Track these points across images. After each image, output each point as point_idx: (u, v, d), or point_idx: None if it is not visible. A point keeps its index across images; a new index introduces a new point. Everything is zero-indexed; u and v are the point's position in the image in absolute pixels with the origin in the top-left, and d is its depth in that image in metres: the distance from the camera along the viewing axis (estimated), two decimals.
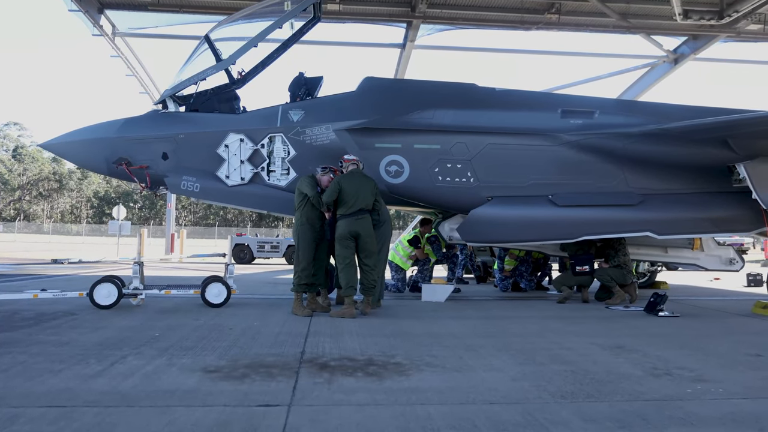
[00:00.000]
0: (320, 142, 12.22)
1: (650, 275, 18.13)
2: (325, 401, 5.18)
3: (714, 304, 13.79)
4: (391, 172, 12.13)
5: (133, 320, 9.43)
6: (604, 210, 12.26)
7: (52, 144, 13.26)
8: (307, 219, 10.74)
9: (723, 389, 5.78)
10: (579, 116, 12.45)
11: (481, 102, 12.62)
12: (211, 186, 12.45)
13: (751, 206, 11.95)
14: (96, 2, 24.48)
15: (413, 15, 24.26)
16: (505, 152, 12.25)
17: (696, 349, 7.84)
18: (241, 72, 12.77)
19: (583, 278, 13.44)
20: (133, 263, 11.15)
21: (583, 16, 25.43)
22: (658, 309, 11.21)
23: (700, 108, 12.76)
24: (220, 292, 11.10)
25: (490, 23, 25.97)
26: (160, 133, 12.40)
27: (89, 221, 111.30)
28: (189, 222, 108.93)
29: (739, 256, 14.68)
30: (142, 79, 30.84)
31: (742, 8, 22.34)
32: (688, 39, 27.14)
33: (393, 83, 15.94)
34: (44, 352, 6.90)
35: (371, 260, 10.77)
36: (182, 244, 38.61)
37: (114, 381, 5.64)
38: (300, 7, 12.35)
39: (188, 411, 4.82)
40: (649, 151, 12.06)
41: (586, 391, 5.59)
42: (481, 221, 12.17)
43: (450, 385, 5.78)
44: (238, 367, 6.29)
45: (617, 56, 30.04)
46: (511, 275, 16.00)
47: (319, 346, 7.60)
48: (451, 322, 10.03)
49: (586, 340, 8.43)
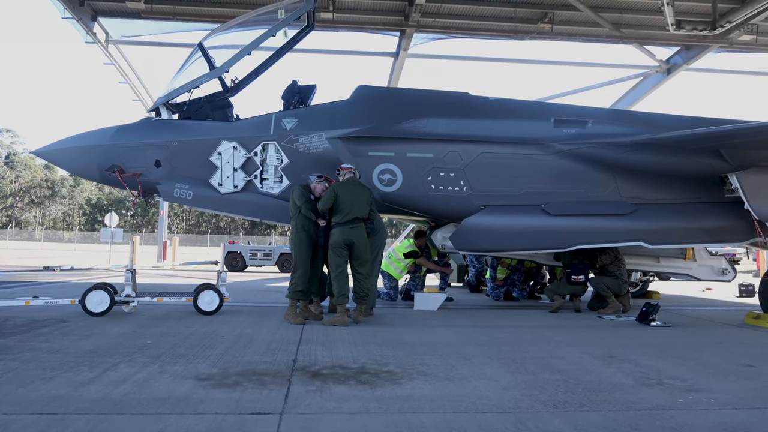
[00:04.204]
0: (313, 150, 12.23)
1: (642, 285, 18.14)
2: (317, 409, 5.17)
3: (706, 314, 13.81)
4: (384, 180, 12.13)
5: (125, 327, 9.40)
6: (597, 219, 12.27)
7: (44, 151, 13.25)
8: (303, 227, 10.74)
9: (715, 399, 5.79)
10: (572, 125, 12.47)
11: (474, 111, 12.64)
12: (204, 193, 12.46)
13: (743, 216, 11.97)
14: (89, 10, 24.48)
15: (407, 24, 24.32)
16: (498, 161, 12.26)
17: (688, 359, 7.85)
18: (235, 80, 12.81)
19: (576, 287, 13.46)
20: (126, 270, 11.14)
21: (576, 26, 25.52)
22: (650, 319, 11.21)
23: (692, 118, 12.81)
24: (212, 300, 11.08)
25: (484, 32, 26.04)
26: (153, 141, 12.41)
27: (81, 228, 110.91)
28: (181, 229, 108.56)
29: (731, 267, 14.72)
30: (135, 86, 30.90)
31: (734, 19, 22.44)
32: (681, 49, 27.25)
33: (386, 92, 15.95)
34: (36, 359, 6.88)
35: (365, 269, 10.77)
36: (174, 252, 38.51)
37: (106, 388, 5.63)
38: (294, 16, 12.37)
39: (180, 418, 4.81)
40: (641, 160, 12.08)
41: (578, 401, 5.60)
42: (474, 230, 12.18)
43: (442, 393, 5.77)
44: (230, 375, 6.28)
45: (610, 66, 30.20)
46: (503, 284, 16.00)
47: (311, 354, 7.59)
48: (443, 331, 10.03)
49: (579, 349, 8.43)
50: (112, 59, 27.61)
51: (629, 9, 24.56)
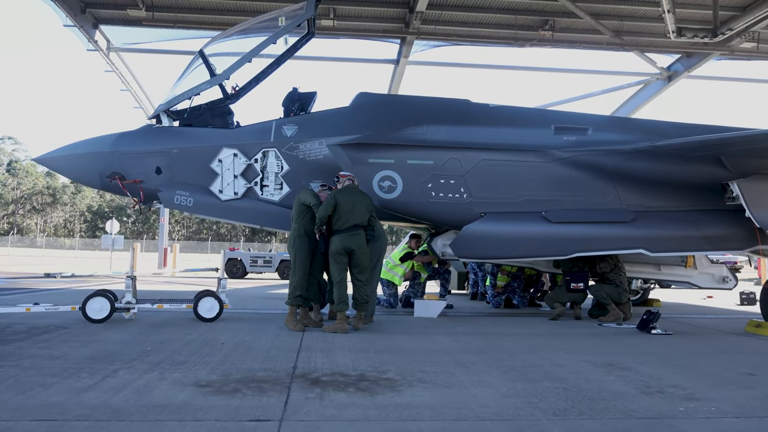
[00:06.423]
0: (314, 157, 12.24)
1: (643, 293, 18.09)
2: (316, 416, 5.16)
3: (707, 322, 13.80)
4: (384, 187, 12.12)
5: (125, 334, 9.40)
6: (597, 227, 12.26)
7: (46, 158, 13.29)
8: (305, 231, 10.74)
9: (715, 408, 5.78)
10: (572, 133, 12.46)
11: (474, 118, 12.64)
12: (205, 200, 12.47)
13: (744, 224, 11.92)
14: (91, 17, 24.48)
15: (407, 31, 24.30)
16: (499, 168, 12.25)
17: (688, 368, 7.84)
18: (235, 87, 12.84)
19: (576, 295, 13.45)
20: (126, 277, 11.14)
21: (577, 33, 25.49)
22: (650, 327, 11.20)
23: (693, 125, 12.79)
24: (212, 307, 11.09)
25: (484, 40, 26.04)
26: (154, 148, 12.43)
27: (82, 235, 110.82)
28: (182, 236, 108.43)
29: (732, 275, 14.72)
30: (136, 93, 30.90)
31: (735, 26, 22.42)
32: (682, 56, 27.22)
33: (386, 99, 15.97)
34: (36, 365, 6.88)
35: (364, 276, 10.75)
36: (175, 259, 38.47)
37: (105, 395, 5.63)
38: (294, 23, 12.39)
39: (180, 425, 4.81)
40: (642, 168, 12.06)
41: (578, 409, 5.59)
42: (474, 237, 12.17)
43: (441, 401, 5.77)
44: (230, 382, 6.27)
45: (611, 73, 30.18)
46: (503, 291, 15.98)
47: (311, 361, 7.59)
48: (443, 338, 10.03)
49: (579, 357, 8.43)
50: (113, 67, 27.60)
51: (630, 16, 24.55)
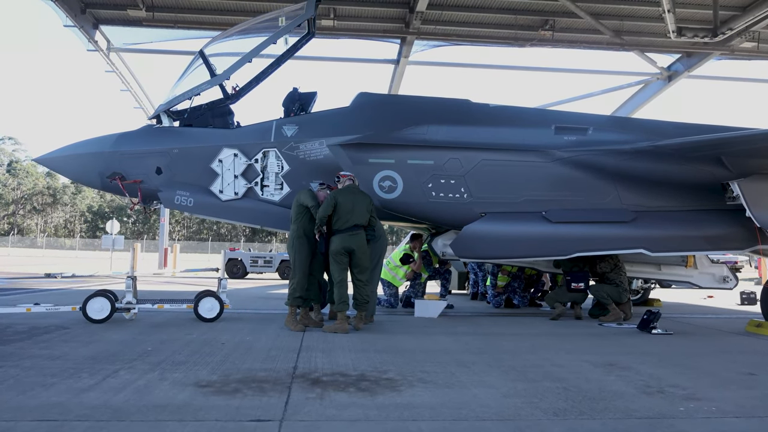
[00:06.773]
0: (314, 157, 12.24)
1: (643, 292, 18.07)
2: (317, 416, 5.16)
3: (707, 322, 13.80)
4: (384, 187, 12.12)
5: (126, 334, 9.40)
6: (598, 227, 12.25)
7: (46, 158, 13.29)
8: (305, 231, 10.74)
9: (716, 408, 5.77)
10: (572, 133, 12.45)
11: (474, 118, 12.63)
12: (205, 200, 12.47)
13: (744, 224, 11.90)
14: (91, 18, 24.47)
15: (407, 31, 24.30)
16: (499, 168, 12.24)
17: (689, 368, 7.84)
18: (236, 87, 12.83)
19: (576, 295, 13.45)
20: (126, 277, 11.14)
21: (577, 33, 25.48)
22: (651, 326, 11.19)
23: (693, 125, 12.78)
24: (212, 307, 11.09)
25: (485, 39, 26.04)
26: (154, 148, 12.43)
27: (83, 235, 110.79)
28: (182, 236, 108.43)
29: (733, 274, 14.72)
30: (136, 93, 30.90)
31: (736, 26, 22.40)
32: (682, 56, 27.21)
33: (387, 99, 15.97)
34: (36, 365, 6.88)
35: (364, 275, 10.74)
36: (175, 259, 38.46)
37: (106, 395, 5.63)
38: (294, 23, 12.39)
39: (180, 425, 4.81)
40: (642, 168, 12.05)
41: (578, 409, 5.59)
42: (475, 237, 12.16)
43: (442, 401, 5.77)
44: (230, 382, 6.27)
45: (611, 73, 30.18)
46: (503, 291, 15.98)
47: (311, 362, 7.59)
48: (443, 338, 10.03)
49: (579, 357, 8.43)
50: (113, 67, 27.59)
51: (630, 16, 24.54)
